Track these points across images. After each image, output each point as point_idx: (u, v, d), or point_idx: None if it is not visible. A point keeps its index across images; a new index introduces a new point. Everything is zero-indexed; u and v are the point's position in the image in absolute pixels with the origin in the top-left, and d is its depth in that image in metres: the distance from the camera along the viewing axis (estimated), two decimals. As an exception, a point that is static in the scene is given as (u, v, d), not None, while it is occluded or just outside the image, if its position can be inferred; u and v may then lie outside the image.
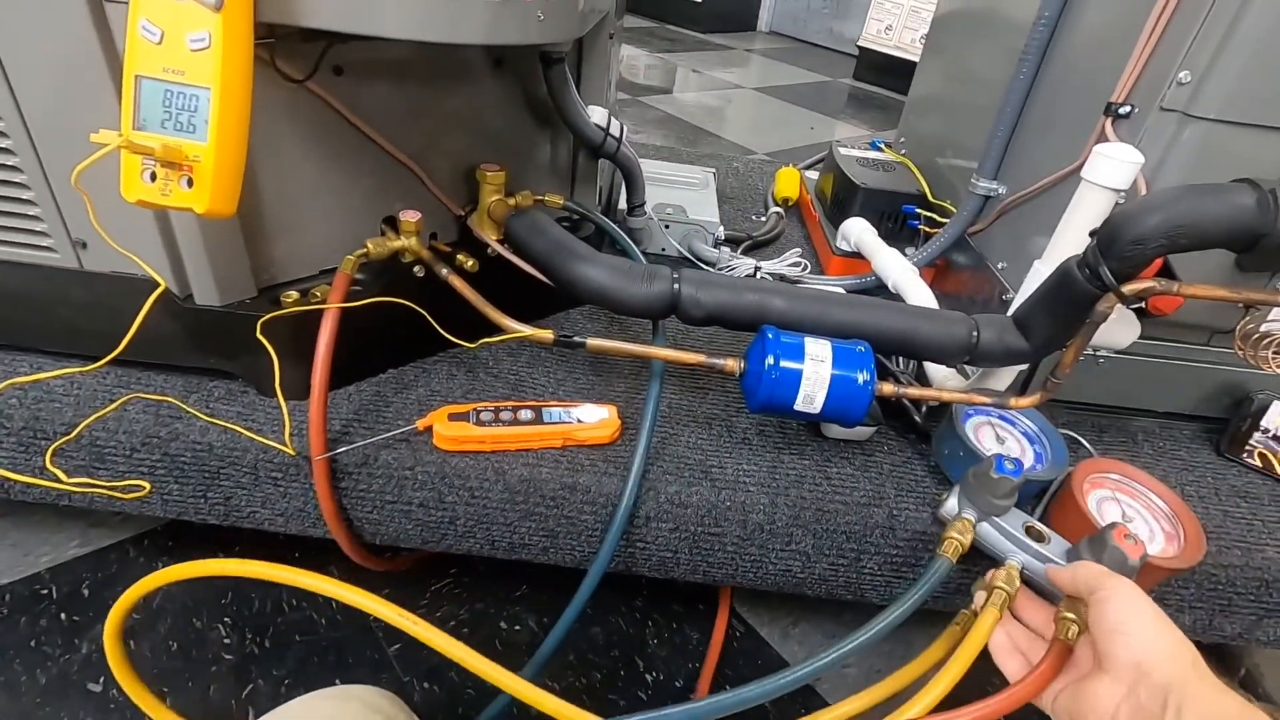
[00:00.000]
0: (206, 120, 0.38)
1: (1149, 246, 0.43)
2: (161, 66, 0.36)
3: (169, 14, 0.36)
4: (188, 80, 0.37)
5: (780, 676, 0.41)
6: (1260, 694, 0.71)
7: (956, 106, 0.88)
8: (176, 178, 0.38)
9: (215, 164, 0.38)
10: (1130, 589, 0.37)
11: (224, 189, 0.39)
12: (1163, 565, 0.49)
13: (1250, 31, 0.47)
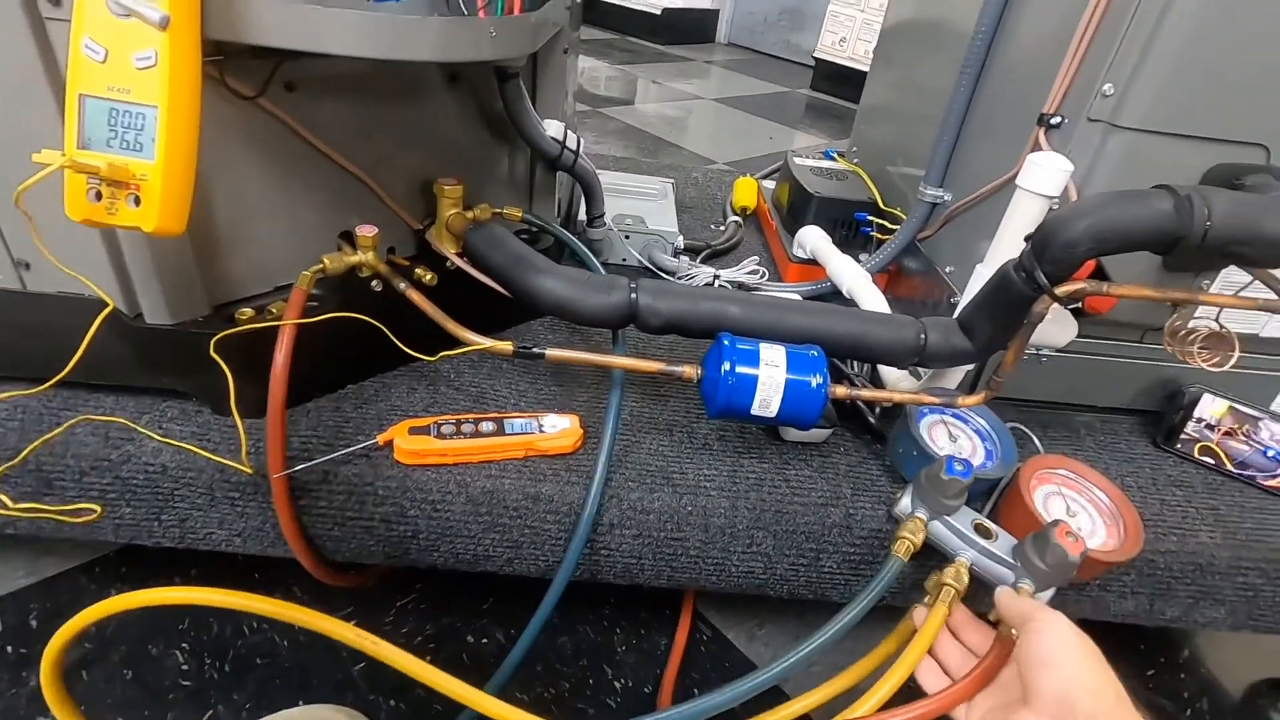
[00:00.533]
0: (154, 138, 0.37)
1: (1078, 250, 0.46)
2: (106, 85, 0.36)
3: (113, 33, 0.36)
4: (134, 99, 0.37)
5: (746, 681, 0.42)
6: (1202, 674, 0.74)
7: (904, 116, 0.91)
8: (123, 196, 0.38)
9: (163, 182, 0.38)
10: (1059, 624, 0.39)
11: (172, 207, 0.39)
12: (1103, 559, 0.52)
13: (1166, 48, 0.50)
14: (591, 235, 0.84)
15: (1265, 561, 0.58)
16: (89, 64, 0.36)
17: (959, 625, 0.47)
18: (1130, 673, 0.73)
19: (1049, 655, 0.37)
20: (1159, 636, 0.77)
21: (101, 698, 0.58)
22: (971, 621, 0.47)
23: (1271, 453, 0.64)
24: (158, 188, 0.38)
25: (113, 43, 0.36)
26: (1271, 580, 0.59)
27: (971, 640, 0.45)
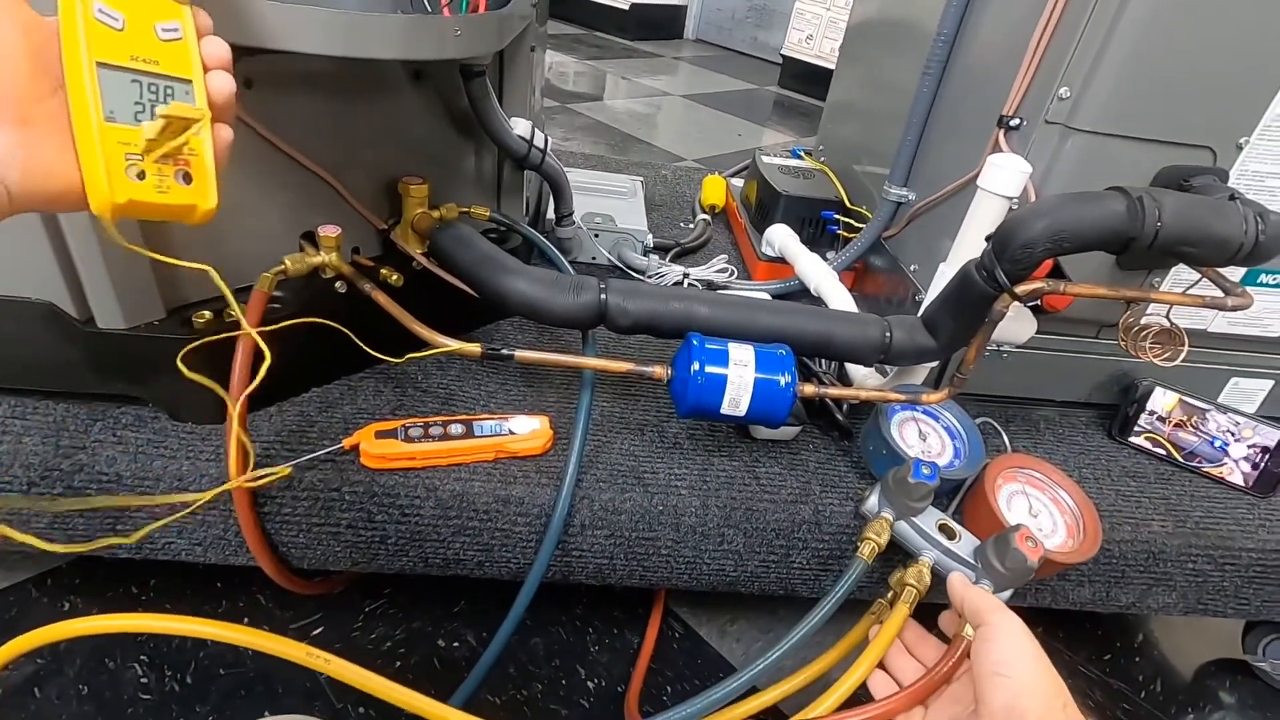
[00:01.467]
0: None
1: (1036, 250, 0.47)
2: (129, 54, 0.32)
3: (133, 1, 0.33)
4: (164, 70, 0.33)
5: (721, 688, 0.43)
6: (1156, 657, 0.77)
7: (870, 114, 0.92)
8: (172, 172, 0.33)
9: (206, 149, 0.34)
10: (1012, 628, 0.40)
11: (214, 183, 0.35)
12: (1061, 560, 0.53)
13: (1118, 53, 0.52)
14: (560, 234, 0.84)
15: (1213, 548, 0.61)
16: (105, 31, 0.31)
17: (913, 642, 0.48)
18: (1088, 658, 0.76)
19: (1001, 664, 0.38)
20: (1114, 622, 0.80)
21: (55, 716, 0.56)
22: (925, 638, 0.48)
23: (1218, 443, 0.67)
24: (205, 158, 0.34)
25: (132, 10, 0.32)
26: (1219, 566, 0.61)
27: (926, 655, 0.46)
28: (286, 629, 0.65)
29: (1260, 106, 0.55)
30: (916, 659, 0.47)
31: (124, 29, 0.32)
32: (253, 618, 0.66)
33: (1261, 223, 0.46)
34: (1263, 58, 0.53)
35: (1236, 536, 0.61)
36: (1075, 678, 0.74)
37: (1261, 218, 0.47)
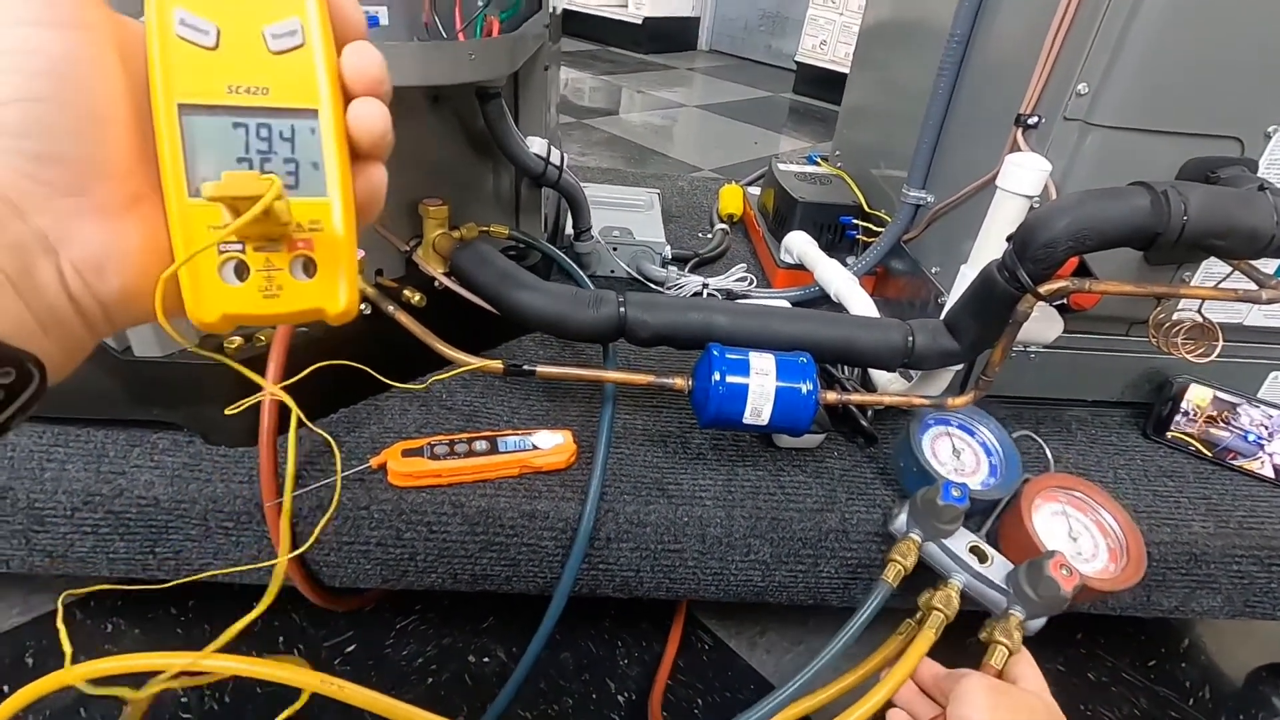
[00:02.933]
0: (321, 160, 0.23)
1: (1059, 249, 0.46)
2: (225, 85, 0.22)
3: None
4: (276, 101, 0.22)
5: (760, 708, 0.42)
6: (1203, 663, 0.75)
7: (885, 117, 0.91)
8: (285, 263, 0.23)
9: (346, 230, 0.23)
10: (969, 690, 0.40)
11: (355, 269, 0.24)
12: (1101, 587, 0.51)
13: (1136, 45, 0.51)
14: (579, 248, 0.84)
15: (1258, 548, 0.59)
16: (190, 53, 0.21)
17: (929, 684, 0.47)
18: (1131, 664, 0.74)
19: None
20: (1159, 627, 0.78)
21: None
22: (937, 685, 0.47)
23: (1252, 437, 0.65)
24: (343, 240, 0.23)
25: (228, 14, 0.22)
26: (1265, 567, 0.59)
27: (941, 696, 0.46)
28: (320, 647, 0.66)
29: (1288, 93, 0.54)
30: (932, 698, 0.46)
31: (217, 45, 0.22)
32: (288, 636, 0.67)
33: (1293, 213, 0.45)
34: (1288, 44, 0.52)
35: (1283, 536, 0.59)
36: (1119, 685, 0.71)
37: (1293, 207, 0.45)
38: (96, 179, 0.20)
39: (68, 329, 0.21)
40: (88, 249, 0.20)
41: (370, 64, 0.23)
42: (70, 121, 0.19)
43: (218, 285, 0.22)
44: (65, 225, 0.20)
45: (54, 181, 0.19)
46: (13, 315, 0.19)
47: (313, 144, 0.23)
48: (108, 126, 0.20)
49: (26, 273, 0.19)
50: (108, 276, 0.21)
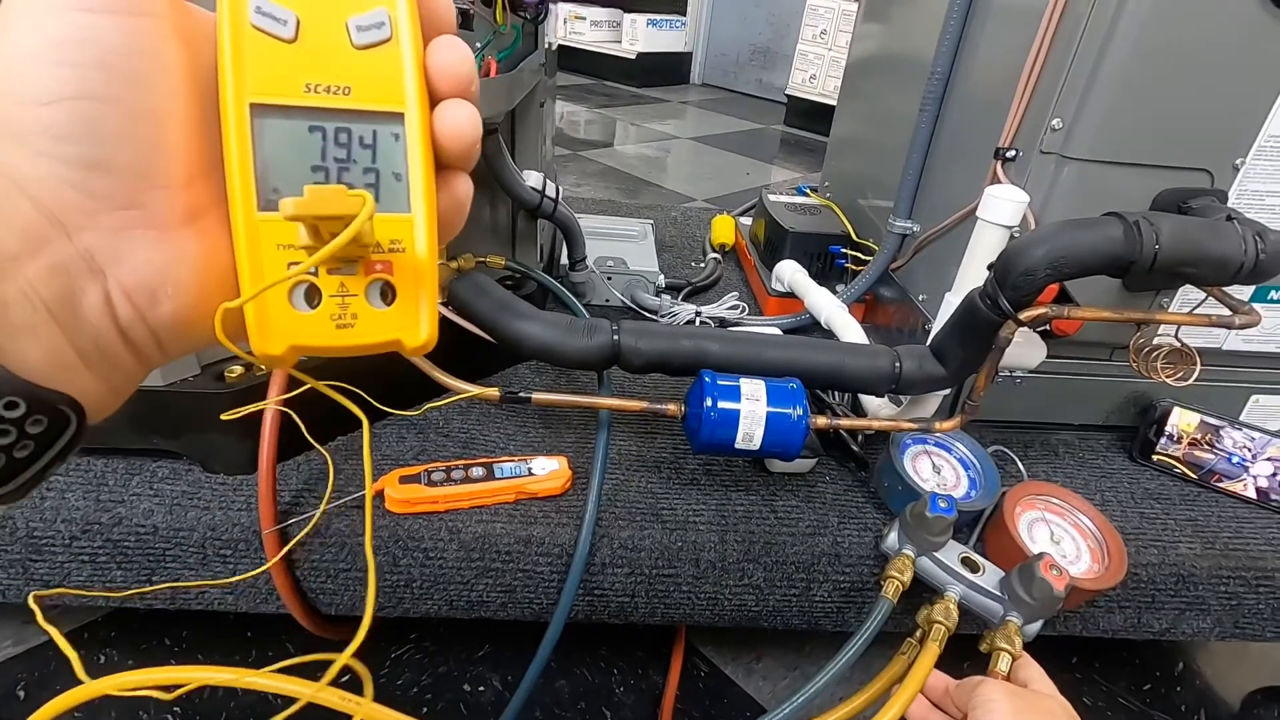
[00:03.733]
0: (405, 171, 0.20)
1: (1038, 276, 0.48)
2: (303, 83, 0.19)
3: None
4: (358, 103, 0.20)
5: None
6: (1198, 686, 0.75)
7: (872, 149, 0.94)
8: (361, 288, 0.20)
9: (430, 250, 0.21)
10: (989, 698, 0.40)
11: (436, 295, 0.21)
12: (1090, 586, 0.53)
13: (1106, 83, 0.53)
14: (574, 278, 0.86)
15: (1244, 569, 0.59)
16: (265, 46, 0.19)
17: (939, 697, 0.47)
18: (1127, 688, 0.74)
19: None
20: (1153, 651, 0.78)
21: (92, 768, 0.57)
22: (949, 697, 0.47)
23: (1236, 459, 0.66)
24: (423, 263, 0.21)
25: (309, 2, 0.19)
26: (1253, 588, 0.60)
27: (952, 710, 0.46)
28: (314, 676, 0.66)
29: (1254, 127, 0.56)
30: (944, 710, 0.46)
31: (296, 37, 0.19)
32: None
33: (1261, 241, 0.47)
34: (1252, 80, 0.54)
35: (1268, 556, 0.60)
36: (1115, 710, 0.71)
37: (1261, 236, 0.47)
38: (151, 189, 0.18)
39: (114, 362, 0.18)
40: (140, 271, 0.18)
41: (461, 61, 0.20)
42: (125, 123, 0.17)
43: (286, 312, 0.19)
44: (114, 244, 0.17)
45: (103, 193, 0.17)
46: (49, 350, 0.16)
47: (396, 152, 0.20)
48: (166, 129, 0.18)
49: (69, 300, 0.17)
50: (161, 302, 0.18)
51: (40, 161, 0.16)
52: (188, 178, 0.18)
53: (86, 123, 0.16)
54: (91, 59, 0.16)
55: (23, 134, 0.16)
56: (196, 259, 0.19)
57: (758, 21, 3.42)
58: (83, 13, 0.16)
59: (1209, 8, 0.51)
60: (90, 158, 0.17)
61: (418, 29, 0.20)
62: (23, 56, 0.16)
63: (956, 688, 0.45)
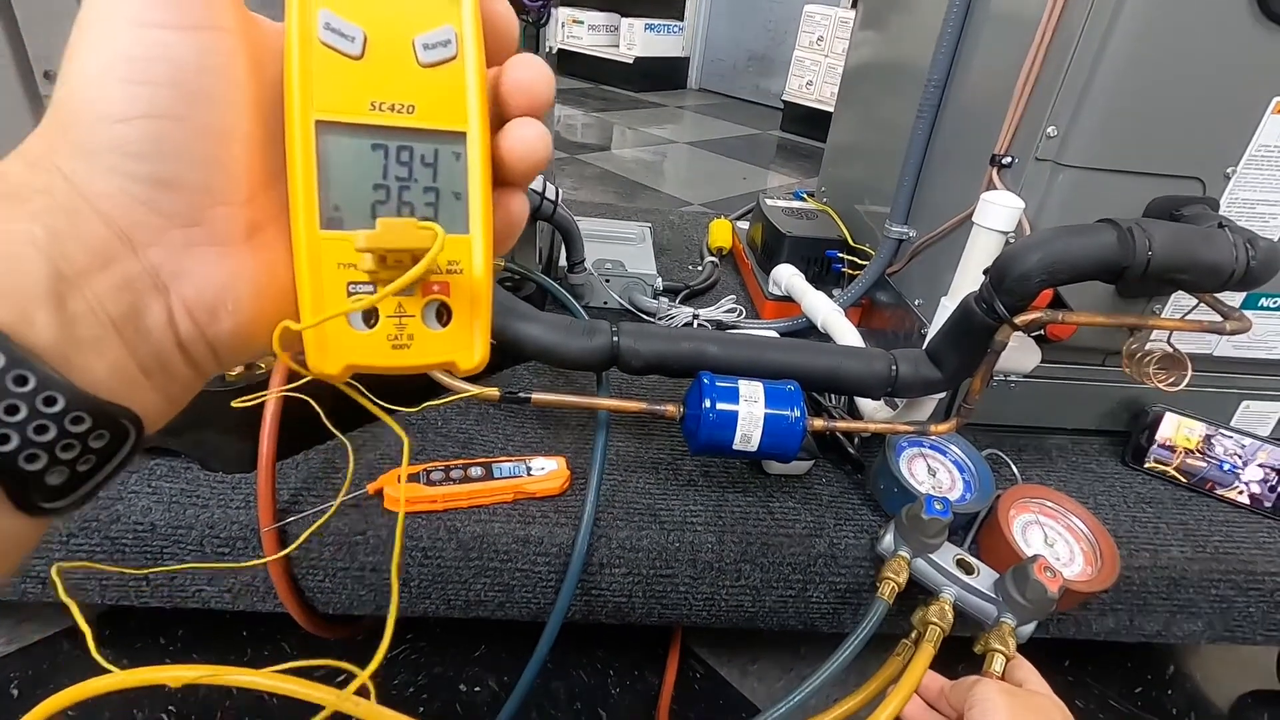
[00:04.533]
0: (465, 191, 0.20)
1: (1032, 281, 0.48)
2: (369, 100, 0.19)
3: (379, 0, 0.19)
4: (422, 122, 0.20)
5: None
6: (1189, 689, 0.76)
7: (869, 155, 0.95)
8: (418, 309, 0.20)
9: (485, 272, 0.21)
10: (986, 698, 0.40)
11: (489, 315, 0.21)
12: (1082, 589, 0.53)
13: (1100, 92, 0.54)
14: (573, 280, 0.86)
15: (1235, 573, 0.60)
16: (333, 63, 0.19)
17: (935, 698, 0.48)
18: (1119, 691, 0.74)
19: None
20: (1145, 655, 0.78)
21: (86, 766, 0.57)
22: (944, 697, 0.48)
23: (1226, 466, 0.67)
24: (479, 283, 0.21)
25: (376, 17, 0.19)
26: (1243, 591, 0.60)
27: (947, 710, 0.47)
28: (310, 676, 0.66)
29: (1245, 136, 0.57)
30: (939, 711, 0.47)
31: (363, 54, 0.19)
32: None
33: (1252, 249, 0.48)
34: (1243, 89, 0.55)
35: (1259, 560, 0.61)
36: (1107, 712, 0.72)
37: (1251, 244, 0.48)
38: (215, 206, 0.18)
39: (173, 374, 0.18)
40: (202, 288, 0.18)
41: (539, 80, 0.20)
42: (194, 141, 0.17)
43: (344, 332, 0.20)
44: (179, 260, 0.17)
45: (170, 210, 0.17)
46: (114, 364, 0.17)
47: (457, 171, 0.20)
48: (232, 145, 0.18)
49: (134, 315, 0.17)
50: (221, 318, 0.18)
51: (111, 178, 0.16)
52: (250, 193, 0.19)
53: (157, 141, 0.17)
54: (163, 76, 0.16)
55: (95, 150, 0.16)
56: (256, 274, 0.19)
57: (755, 28, 3.44)
58: (156, 29, 0.16)
59: (1202, 18, 0.52)
60: (160, 175, 0.17)
61: (482, 47, 0.20)
62: (97, 73, 0.16)
63: (951, 688, 0.45)
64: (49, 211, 0.16)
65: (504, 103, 0.20)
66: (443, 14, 0.20)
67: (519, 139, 0.20)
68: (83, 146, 0.16)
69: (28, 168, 0.16)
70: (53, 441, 0.15)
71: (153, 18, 0.16)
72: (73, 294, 0.16)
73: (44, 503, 0.16)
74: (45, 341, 0.15)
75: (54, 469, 0.16)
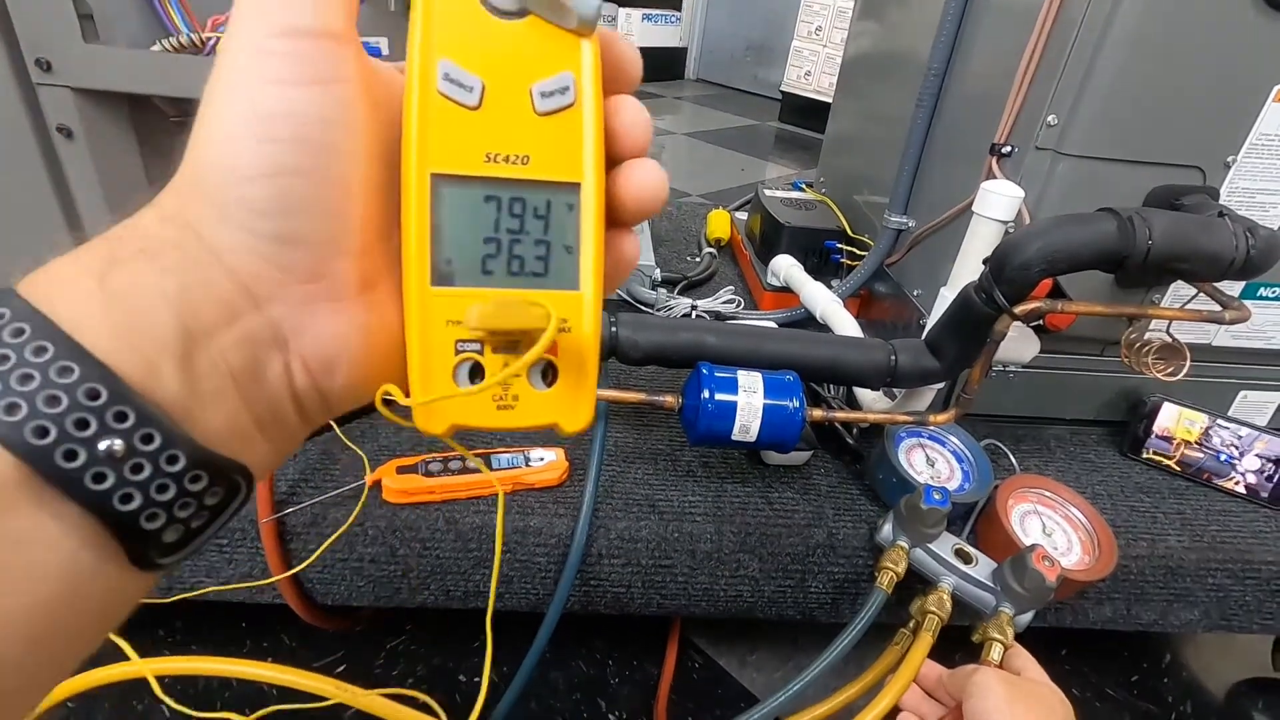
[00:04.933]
0: (576, 244, 0.20)
1: (1032, 271, 0.48)
2: (484, 152, 0.19)
3: (496, 48, 0.19)
4: (536, 173, 0.19)
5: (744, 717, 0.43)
6: (1185, 678, 0.76)
7: (868, 146, 0.94)
8: (523, 368, 0.19)
9: (594, 328, 0.20)
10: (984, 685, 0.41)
11: (596, 375, 0.21)
12: (1080, 578, 0.53)
13: (1100, 80, 0.54)
14: (570, 271, 0.86)
15: (1231, 562, 0.60)
16: (450, 113, 0.18)
17: (933, 686, 0.48)
18: (1115, 680, 0.75)
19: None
20: (1141, 643, 0.79)
21: (86, 757, 0.57)
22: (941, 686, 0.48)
23: (1224, 456, 0.67)
24: (587, 341, 0.20)
25: (497, 67, 0.19)
26: (1239, 580, 0.61)
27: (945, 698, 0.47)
28: (309, 667, 0.66)
29: (1245, 125, 0.56)
30: (937, 699, 0.47)
31: (480, 105, 0.19)
32: (277, 657, 0.67)
33: (1252, 238, 0.48)
34: (1244, 78, 0.55)
35: (1255, 550, 0.61)
36: (1103, 700, 0.72)
37: (1251, 233, 0.48)
38: (334, 260, 0.18)
39: (285, 427, 0.18)
40: (320, 343, 0.18)
41: (642, 125, 0.20)
42: (319, 196, 0.17)
43: (450, 389, 0.19)
44: (298, 315, 0.18)
45: (292, 265, 0.17)
46: (231, 418, 0.17)
47: (569, 223, 0.19)
48: (353, 199, 0.18)
49: (254, 371, 0.17)
50: (336, 372, 0.18)
51: (238, 234, 0.17)
52: (365, 245, 0.18)
53: (282, 197, 0.17)
54: (290, 133, 0.17)
55: (223, 207, 0.17)
56: (370, 328, 0.19)
57: (753, 17, 3.42)
58: (283, 85, 0.17)
59: (1203, 6, 0.51)
60: (284, 232, 0.17)
61: (600, 92, 0.19)
62: (229, 131, 0.17)
63: (949, 676, 0.45)
64: (180, 266, 0.16)
65: (613, 147, 0.20)
66: (562, 60, 0.19)
67: (639, 184, 0.20)
68: (212, 203, 0.17)
69: (161, 221, 0.17)
70: (171, 500, 0.16)
71: (280, 74, 0.17)
72: (198, 349, 0.16)
73: (159, 559, 0.16)
74: (170, 396, 0.16)
75: (171, 527, 0.16)
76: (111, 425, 0.15)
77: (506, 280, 0.19)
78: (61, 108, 0.46)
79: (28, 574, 0.14)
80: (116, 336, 0.15)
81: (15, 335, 0.14)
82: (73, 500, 0.14)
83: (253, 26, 0.17)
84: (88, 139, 0.48)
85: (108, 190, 0.50)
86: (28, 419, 0.14)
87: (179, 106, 0.43)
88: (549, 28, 0.19)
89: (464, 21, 0.18)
